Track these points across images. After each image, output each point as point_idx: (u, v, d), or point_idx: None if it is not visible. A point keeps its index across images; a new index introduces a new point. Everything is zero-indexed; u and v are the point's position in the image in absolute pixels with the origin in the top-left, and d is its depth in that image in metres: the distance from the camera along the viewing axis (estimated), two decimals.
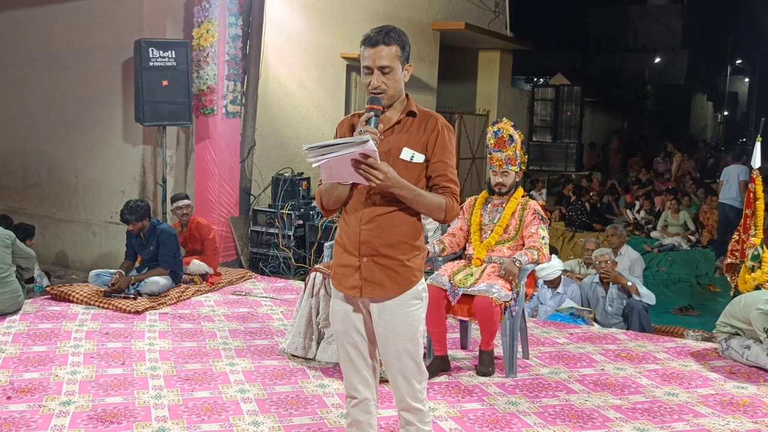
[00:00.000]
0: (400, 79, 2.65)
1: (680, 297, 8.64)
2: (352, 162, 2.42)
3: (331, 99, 9.87)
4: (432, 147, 2.67)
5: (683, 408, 4.10)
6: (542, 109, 18.64)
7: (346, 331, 2.76)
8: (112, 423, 3.70)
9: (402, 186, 2.54)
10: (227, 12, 7.33)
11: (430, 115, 2.72)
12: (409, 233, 2.68)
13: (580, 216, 11.71)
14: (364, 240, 2.66)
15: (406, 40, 2.65)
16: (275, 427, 3.71)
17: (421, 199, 2.60)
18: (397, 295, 2.67)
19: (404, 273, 2.67)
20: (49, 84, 8.15)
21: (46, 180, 8.37)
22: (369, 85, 2.62)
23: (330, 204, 2.73)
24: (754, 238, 5.50)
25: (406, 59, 2.66)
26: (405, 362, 2.69)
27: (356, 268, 2.68)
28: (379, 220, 2.65)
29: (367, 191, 2.65)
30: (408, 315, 2.69)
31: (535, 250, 4.52)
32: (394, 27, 2.64)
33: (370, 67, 2.61)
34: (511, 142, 4.61)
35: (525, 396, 4.22)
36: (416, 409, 2.73)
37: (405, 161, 2.64)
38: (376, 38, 2.60)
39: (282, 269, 7.54)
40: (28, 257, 5.80)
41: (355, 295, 2.70)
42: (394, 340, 2.68)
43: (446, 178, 2.68)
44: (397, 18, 11.02)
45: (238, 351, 4.89)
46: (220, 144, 7.55)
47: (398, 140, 2.67)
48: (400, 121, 2.70)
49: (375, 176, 2.46)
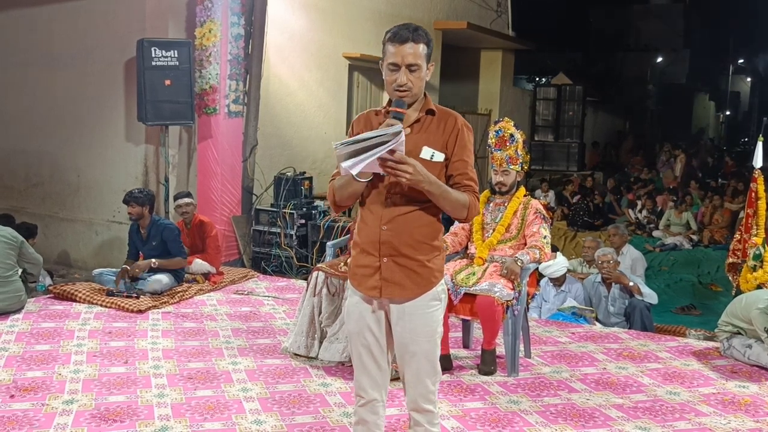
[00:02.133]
0: (424, 77, 2.62)
1: (682, 296, 8.63)
2: (377, 159, 2.37)
3: (333, 98, 9.88)
4: (452, 146, 2.64)
5: (685, 407, 4.11)
6: (544, 108, 18.65)
7: (360, 331, 2.72)
8: (115, 421, 3.71)
9: (431, 181, 2.49)
10: (229, 11, 7.34)
11: (449, 114, 2.68)
12: (430, 233, 2.65)
13: (583, 215, 11.70)
14: (384, 240, 2.62)
15: (431, 39, 2.62)
16: (277, 425, 3.72)
17: (448, 195, 2.56)
18: (417, 296, 2.64)
19: (424, 274, 2.64)
20: (50, 84, 8.16)
21: (48, 179, 8.38)
22: (394, 82, 2.57)
23: (343, 200, 2.69)
24: (756, 238, 5.51)
25: (430, 58, 2.62)
26: (421, 363, 2.67)
27: (376, 268, 2.65)
28: (400, 220, 2.61)
29: (386, 191, 2.62)
30: (427, 316, 2.66)
31: (537, 249, 4.53)
32: (419, 25, 2.59)
33: (397, 64, 2.56)
34: (512, 142, 4.62)
35: (527, 395, 4.23)
36: (426, 411, 2.72)
37: (425, 160, 2.58)
38: (405, 35, 2.55)
39: (284, 268, 7.55)
40: (35, 263, 5.80)
41: (374, 296, 2.67)
42: (412, 340, 2.66)
43: (467, 176, 2.65)
44: (399, 17, 11.01)
45: (240, 350, 4.90)
46: (223, 143, 7.56)
47: (418, 139, 2.62)
48: (419, 119, 2.66)
49: (404, 171, 2.41)
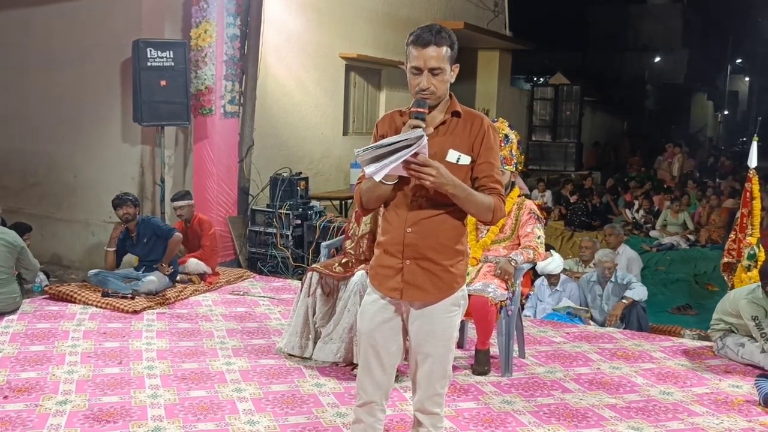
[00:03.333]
0: (448, 80, 2.57)
1: (678, 296, 8.64)
2: (401, 162, 2.36)
3: (330, 98, 9.88)
4: (478, 148, 2.60)
5: (678, 407, 4.12)
6: (541, 108, 18.64)
7: (371, 332, 2.70)
8: (108, 422, 3.72)
9: (455, 184, 2.47)
10: (225, 12, 7.32)
11: (475, 116, 2.64)
12: (454, 237, 2.63)
13: (580, 215, 11.72)
14: (408, 243, 2.60)
15: (455, 40, 2.56)
16: (270, 426, 3.73)
17: (473, 198, 2.53)
18: (438, 301, 2.62)
19: (447, 279, 2.62)
20: (47, 84, 8.16)
21: (44, 180, 8.37)
22: (417, 86, 2.53)
23: (371, 203, 2.67)
24: (751, 238, 5.53)
25: (454, 59, 2.57)
26: (434, 366, 2.65)
27: (398, 270, 2.62)
28: (425, 224, 2.58)
29: (412, 193, 2.59)
30: (446, 320, 2.65)
31: (531, 249, 4.54)
32: (443, 26, 2.54)
33: (419, 67, 2.51)
34: (507, 142, 4.63)
35: (520, 395, 4.23)
36: (432, 413, 2.71)
37: (451, 163, 2.55)
38: (428, 38, 2.49)
39: (280, 269, 7.55)
40: (32, 269, 5.80)
41: (395, 297, 2.65)
42: (427, 342, 2.64)
43: (493, 179, 2.61)
44: (397, 17, 11.03)
45: (234, 350, 4.91)
46: (219, 144, 7.55)
47: (444, 142, 2.59)
48: (445, 121, 2.62)
49: (427, 174, 2.39)
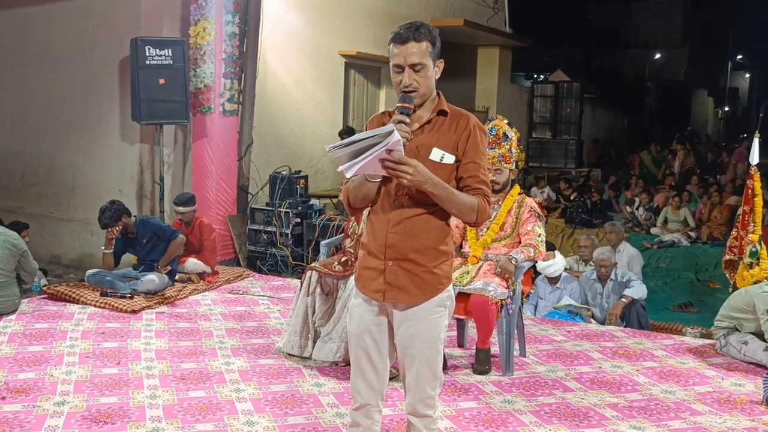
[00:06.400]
0: (431, 76, 2.55)
1: (679, 293, 8.60)
2: (378, 160, 2.32)
3: (329, 97, 9.85)
4: (463, 147, 2.56)
5: (680, 406, 4.09)
6: (542, 105, 18.62)
7: (360, 334, 2.68)
8: (106, 423, 3.69)
9: (435, 183, 2.42)
10: (224, 10, 7.31)
11: (461, 114, 2.61)
12: (438, 238, 2.58)
13: (581, 213, 11.69)
14: (390, 243, 2.56)
15: (437, 36, 2.54)
16: (269, 426, 3.70)
17: (454, 198, 2.49)
18: (422, 302, 2.58)
19: (430, 280, 2.58)
20: (47, 83, 8.14)
21: (44, 179, 8.36)
22: (400, 83, 2.52)
23: (357, 202, 2.63)
24: (753, 235, 5.49)
25: (437, 55, 2.55)
26: (422, 369, 2.62)
27: (380, 271, 2.59)
28: (407, 224, 2.55)
29: (395, 193, 2.56)
30: (430, 322, 2.60)
31: (532, 247, 4.51)
32: (423, 23, 2.53)
33: (400, 65, 2.50)
34: (506, 140, 4.59)
35: (521, 394, 4.21)
36: (425, 416, 2.68)
37: (434, 162, 2.52)
38: (406, 35, 2.49)
39: (280, 267, 7.52)
40: (31, 272, 5.77)
41: (377, 299, 2.62)
42: (413, 345, 2.60)
43: (478, 179, 2.57)
44: (395, 15, 11.00)
45: (234, 350, 4.88)
46: (218, 142, 7.53)
47: (428, 139, 2.56)
48: (430, 120, 2.59)
49: (404, 172, 2.35)
